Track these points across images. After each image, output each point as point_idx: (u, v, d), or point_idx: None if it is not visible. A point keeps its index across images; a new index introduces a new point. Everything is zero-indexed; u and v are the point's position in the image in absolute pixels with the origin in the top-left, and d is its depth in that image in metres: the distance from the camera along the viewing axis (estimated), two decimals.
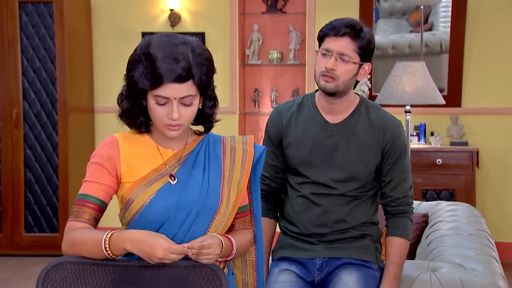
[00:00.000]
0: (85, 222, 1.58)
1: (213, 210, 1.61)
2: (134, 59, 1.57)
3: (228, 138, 1.72)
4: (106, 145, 1.62)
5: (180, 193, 1.59)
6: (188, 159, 1.64)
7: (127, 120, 1.63)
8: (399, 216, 2.05)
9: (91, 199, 1.59)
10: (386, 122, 2.04)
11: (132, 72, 1.56)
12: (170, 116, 1.56)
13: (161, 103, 1.55)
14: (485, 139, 4.44)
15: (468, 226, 2.45)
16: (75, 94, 4.62)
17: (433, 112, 4.48)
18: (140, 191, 1.59)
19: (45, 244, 4.51)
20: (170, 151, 1.64)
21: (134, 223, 1.59)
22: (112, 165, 1.60)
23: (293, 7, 4.76)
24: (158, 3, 4.79)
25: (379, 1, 4.73)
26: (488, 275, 2.04)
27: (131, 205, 1.59)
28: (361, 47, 1.95)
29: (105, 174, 1.59)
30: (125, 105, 1.60)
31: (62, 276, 1.45)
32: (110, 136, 1.64)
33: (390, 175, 2.03)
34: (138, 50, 1.58)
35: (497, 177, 4.46)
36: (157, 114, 1.57)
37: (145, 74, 1.53)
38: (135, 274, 1.47)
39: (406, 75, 3.97)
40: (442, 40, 4.62)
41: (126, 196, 1.60)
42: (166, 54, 1.54)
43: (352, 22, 1.95)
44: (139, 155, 1.62)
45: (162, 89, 1.54)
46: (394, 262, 2.00)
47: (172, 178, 1.61)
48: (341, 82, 1.96)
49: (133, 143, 1.63)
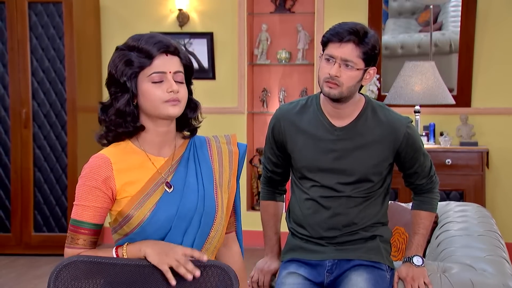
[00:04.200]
0: (81, 248, 1.58)
1: (211, 216, 1.61)
2: (118, 55, 1.58)
3: (213, 139, 1.71)
4: (98, 166, 1.57)
5: (179, 201, 1.58)
6: (180, 165, 1.63)
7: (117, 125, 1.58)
8: (425, 192, 2.11)
9: (86, 225, 1.57)
10: (396, 122, 2.03)
11: (120, 62, 1.56)
12: (169, 89, 1.56)
13: (157, 80, 1.55)
14: (495, 139, 4.41)
15: (478, 226, 2.44)
16: (84, 94, 4.63)
17: (442, 112, 4.46)
18: (139, 205, 1.57)
19: (54, 243, 4.52)
20: (161, 158, 1.62)
21: (134, 235, 1.58)
22: (108, 186, 1.56)
23: (302, 7, 4.75)
24: (166, 3, 4.79)
25: (388, 2, 4.71)
26: (499, 276, 2.02)
27: (131, 220, 1.57)
28: (365, 52, 1.93)
29: (101, 197, 1.56)
30: (118, 104, 1.57)
31: (74, 274, 1.46)
32: (99, 156, 1.59)
33: (411, 168, 2.07)
34: (118, 49, 1.60)
35: (507, 178, 4.43)
36: (156, 93, 1.55)
37: (134, 57, 1.55)
38: (146, 273, 1.47)
39: (416, 75, 3.95)
40: (452, 40, 4.59)
41: (125, 211, 1.57)
42: (149, 36, 1.59)
43: (356, 28, 1.92)
44: (131, 168, 1.59)
45: (155, 64, 1.55)
46: (418, 232, 2.08)
47: (168, 186, 1.60)
48: (345, 88, 1.95)
49: (123, 157, 1.59)
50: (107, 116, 1.60)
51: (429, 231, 2.16)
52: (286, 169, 2.14)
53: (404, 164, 2.07)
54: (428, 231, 2.11)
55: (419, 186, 2.11)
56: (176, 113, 1.58)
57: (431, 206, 2.10)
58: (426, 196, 2.11)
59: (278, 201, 2.19)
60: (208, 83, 4.79)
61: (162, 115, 1.58)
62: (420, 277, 1.99)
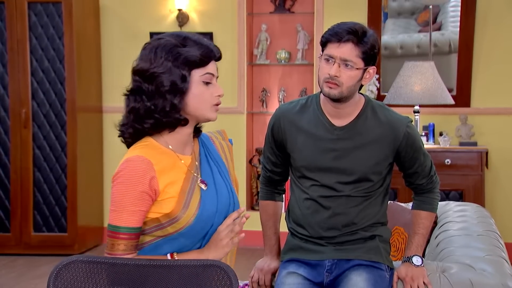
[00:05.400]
0: (124, 253, 1.55)
1: (238, 208, 1.65)
2: (172, 46, 1.55)
3: (213, 135, 1.74)
4: (143, 169, 1.53)
5: (216, 198, 1.61)
6: (202, 162, 1.65)
7: (165, 115, 1.54)
8: (425, 192, 2.11)
9: (128, 230, 1.54)
10: (396, 121, 2.03)
11: (180, 55, 1.53)
12: (217, 93, 1.59)
13: (208, 80, 1.58)
14: (494, 139, 4.42)
15: (478, 226, 2.44)
16: (84, 94, 4.63)
17: (442, 112, 4.46)
18: (186, 205, 1.56)
19: (54, 243, 4.53)
20: (187, 156, 1.63)
21: (178, 235, 1.58)
22: (153, 189, 1.54)
23: (301, 7, 4.76)
24: (166, 3, 4.80)
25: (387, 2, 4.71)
26: (498, 275, 2.03)
27: (179, 220, 1.56)
28: (365, 52, 1.93)
29: (147, 201, 1.53)
30: (175, 100, 1.54)
31: (74, 274, 1.46)
32: (139, 159, 1.54)
33: (411, 168, 2.07)
34: (167, 42, 1.56)
35: (507, 178, 4.43)
36: (205, 94, 1.57)
37: (195, 51, 1.54)
38: (146, 273, 1.47)
39: (415, 75, 3.96)
40: (451, 40, 4.60)
41: (174, 213, 1.55)
42: (201, 38, 1.60)
43: (355, 27, 1.93)
44: (168, 168, 1.57)
45: (209, 66, 1.57)
46: (418, 232, 2.08)
47: (204, 184, 1.61)
48: (345, 88, 1.95)
49: (159, 157, 1.57)
50: (153, 104, 1.54)
51: (429, 231, 2.16)
52: (285, 169, 2.15)
53: (404, 164, 2.07)
54: (428, 231, 2.11)
55: (419, 186, 2.11)
56: (216, 118, 1.62)
57: (431, 206, 2.11)
58: (426, 196, 2.11)
59: (277, 200, 2.19)
60: None
61: (205, 117, 1.60)
62: (420, 277, 2.00)
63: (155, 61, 1.54)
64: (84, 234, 4.62)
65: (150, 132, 1.60)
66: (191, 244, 1.59)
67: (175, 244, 1.59)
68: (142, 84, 1.56)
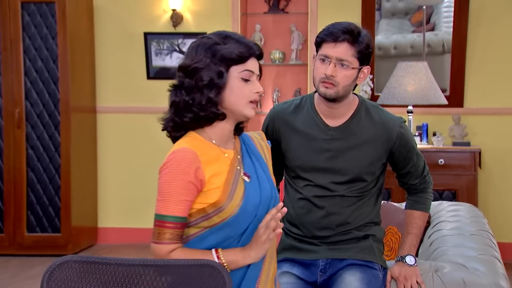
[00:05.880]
0: (169, 243, 1.59)
1: (278, 203, 1.69)
2: (211, 44, 1.63)
3: (252, 135, 1.80)
4: (189, 160, 1.58)
5: (259, 190, 1.65)
6: (244, 157, 1.71)
7: (203, 109, 1.61)
8: (418, 192, 2.12)
9: (174, 219, 1.58)
10: (390, 122, 2.04)
11: (219, 52, 1.61)
12: (256, 90, 1.64)
13: (247, 78, 1.63)
14: (487, 140, 4.44)
15: (470, 226, 2.45)
16: (77, 94, 4.62)
17: (435, 112, 4.48)
18: (230, 195, 1.61)
19: (47, 244, 4.51)
20: (230, 151, 1.69)
21: (224, 225, 1.62)
22: (198, 179, 1.59)
23: (295, 7, 4.76)
24: (160, 3, 4.79)
25: (381, 3, 4.73)
26: (491, 275, 2.04)
27: (224, 210, 1.60)
28: (360, 51, 1.94)
29: (193, 191, 1.59)
30: (211, 94, 1.60)
31: (67, 274, 1.46)
32: (185, 150, 1.60)
33: (404, 168, 2.08)
34: (208, 40, 1.63)
35: (500, 178, 4.45)
36: (244, 90, 1.63)
37: (234, 49, 1.61)
38: (140, 273, 1.48)
39: (409, 75, 3.97)
40: (444, 40, 4.61)
41: (220, 202, 1.60)
42: (242, 36, 1.67)
43: (350, 27, 1.93)
44: (212, 160, 1.62)
45: (249, 63, 1.63)
46: (411, 232, 2.09)
47: (247, 176, 1.67)
48: (341, 87, 1.95)
49: (203, 149, 1.63)
50: (191, 98, 1.62)
51: (422, 231, 2.17)
52: (280, 169, 2.15)
53: (397, 164, 2.08)
54: (421, 231, 2.12)
55: (412, 186, 2.12)
56: (253, 115, 1.68)
57: (424, 206, 2.12)
58: (419, 196, 2.12)
59: None
60: None
61: (242, 114, 1.66)
62: (413, 276, 2.01)
63: (196, 58, 1.63)
64: (78, 235, 4.61)
65: (191, 126, 1.67)
66: (235, 235, 1.63)
67: (220, 235, 1.62)
68: (183, 79, 1.64)
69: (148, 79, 4.84)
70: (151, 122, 4.92)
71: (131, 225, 4.91)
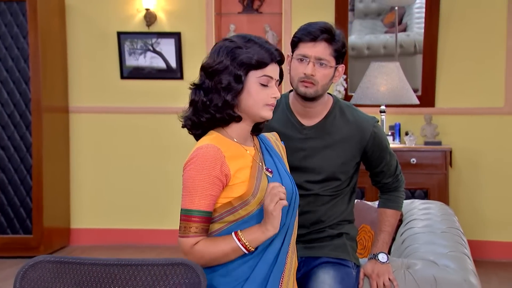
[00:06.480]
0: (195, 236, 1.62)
1: (298, 198, 1.75)
2: (233, 47, 1.65)
3: (268, 135, 1.84)
4: (214, 155, 1.62)
5: (282, 185, 1.68)
6: (264, 154, 1.74)
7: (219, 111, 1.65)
8: (391, 191, 2.15)
9: (199, 213, 1.62)
10: (363, 121, 2.06)
11: (239, 56, 1.64)
12: (274, 95, 1.68)
13: (265, 83, 1.66)
14: (458, 139, 4.51)
15: (441, 224, 2.49)
16: (49, 94, 4.56)
17: (407, 112, 4.54)
18: (256, 189, 1.65)
19: (19, 245, 4.45)
20: (251, 147, 1.72)
21: (249, 218, 1.66)
22: (224, 174, 1.63)
23: (269, 8, 4.78)
24: (133, 3, 4.76)
25: (354, 3, 4.77)
26: (461, 271, 2.08)
27: (250, 203, 1.64)
28: (337, 50, 1.97)
29: (219, 185, 1.63)
30: (228, 97, 1.64)
31: (41, 274, 1.45)
32: (209, 146, 1.63)
33: (378, 167, 2.11)
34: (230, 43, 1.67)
35: (470, 176, 4.53)
36: (260, 94, 1.66)
37: (254, 54, 1.64)
38: (114, 272, 1.47)
39: (381, 76, 4.02)
40: (416, 41, 4.68)
41: (246, 195, 1.64)
42: (266, 41, 1.70)
43: (327, 26, 1.96)
44: (235, 156, 1.66)
45: (268, 68, 1.66)
46: (384, 230, 2.12)
47: (269, 172, 1.71)
48: (320, 86, 1.98)
49: (226, 146, 1.66)
50: (208, 99, 1.66)
51: (395, 229, 2.20)
52: None
53: (370, 163, 2.11)
54: (393, 229, 2.15)
55: (385, 185, 2.15)
56: (271, 117, 1.71)
57: (397, 205, 2.15)
58: (392, 194, 2.15)
59: None
60: (176, 83, 4.77)
61: (259, 116, 1.69)
62: (385, 273, 2.03)
63: (217, 59, 1.68)
64: (50, 236, 4.56)
65: (208, 126, 1.70)
66: None
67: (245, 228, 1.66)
68: (204, 79, 1.69)
69: (122, 78, 4.80)
70: (125, 122, 4.94)
71: (105, 226, 4.86)
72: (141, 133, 4.84)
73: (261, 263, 1.65)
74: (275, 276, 1.66)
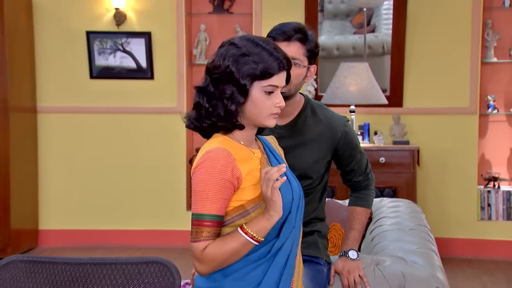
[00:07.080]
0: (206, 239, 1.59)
1: (303, 200, 1.74)
2: (240, 54, 1.59)
3: (268, 138, 1.82)
4: (224, 159, 1.59)
5: (290, 187, 1.67)
6: (269, 156, 1.73)
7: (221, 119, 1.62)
8: (361, 189, 2.18)
9: (211, 218, 1.58)
10: (334, 121, 2.09)
11: (245, 64, 1.58)
12: (278, 104, 1.63)
13: (270, 91, 1.62)
14: (425, 138, 4.60)
15: (409, 221, 2.54)
16: (16, 94, 4.49)
17: (376, 112, 4.60)
18: None
19: None
20: (257, 150, 1.70)
21: None
22: (235, 177, 1.60)
23: (240, 8, 4.79)
24: (102, 2, 4.72)
25: (324, 4, 4.82)
26: (428, 267, 2.12)
27: (263, 205, 1.61)
28: (310, 50, 2.00)
29: (230, 189, 1.59)
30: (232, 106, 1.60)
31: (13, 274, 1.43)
32: (219, 150, 1.60)
33: (348, 166, 2.14)
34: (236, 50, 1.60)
35: (437, 175, 4.63)
36: (266, 103, 1.62)
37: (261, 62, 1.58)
38: (87, 271, 1.46)
39: (351, 76, 4.07)
40: (384, 42, 4.75)
41: (260, 197, 1.61)
42: (276, 47, 1.61)
43: (300, 26, 1.99)
44: (244, 159, 1.64)
45: (275, 78, 1.62)
46: (354, 228, 2.15)
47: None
48: (293, 86, 2.00)
49: (236, 149, 1.64)
50: (211, 106, 1.62)
51: (365, 226, 2.23)
52: None
53: (341, 161, 2.14)
54: (363, 226, 2.19)
55: (356, 183, 2.18)
56: (274, 125, 1.68)
57: (366, 203, 2.18)
58: (362, 192, 2.19)
59: None
60: (146, 83, 4.75)
61: (262, 124, 1.66)
62: (355, 270, 2.07)
63: (222, 65, 1.62)
64: (17, 237, 4.48)
65: (210, 131, 1.68)
66: (272, 231, 1.63)
67: None
68: (208, 83, 1.65)
69: (91, 78, 4.75)
70: (94, 122, 4.89)
71: (74, 227, 4.81)
72: (110, 133, 4.80)
73: (273, 266, 1.63)
74: (286, 280, 1.66)
